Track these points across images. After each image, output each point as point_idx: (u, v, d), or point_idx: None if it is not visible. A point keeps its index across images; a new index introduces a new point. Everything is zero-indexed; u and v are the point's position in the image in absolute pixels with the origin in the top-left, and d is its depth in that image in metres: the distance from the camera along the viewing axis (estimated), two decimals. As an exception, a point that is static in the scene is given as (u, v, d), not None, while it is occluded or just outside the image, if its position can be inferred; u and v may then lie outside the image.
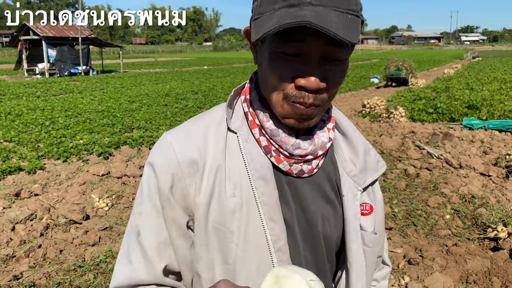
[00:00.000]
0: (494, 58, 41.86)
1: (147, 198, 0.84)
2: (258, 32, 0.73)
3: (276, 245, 0.82)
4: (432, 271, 3.43)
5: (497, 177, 5.76)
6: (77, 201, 5.11)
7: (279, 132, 0.83)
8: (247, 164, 0.82)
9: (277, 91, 0.78)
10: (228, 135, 0.85)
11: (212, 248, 0.83)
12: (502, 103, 10.59)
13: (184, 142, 0.84)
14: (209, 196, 0.81)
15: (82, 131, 8.77)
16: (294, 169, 0.84)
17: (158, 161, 0.84)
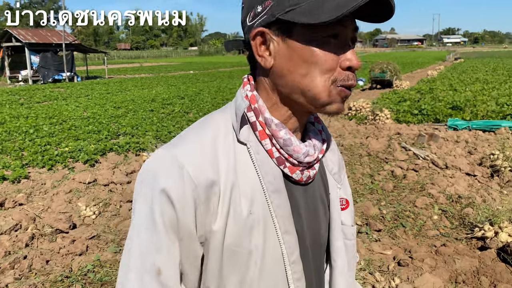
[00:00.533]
0: (476, 59, 42.61)
1: (164, 232, 0.74)
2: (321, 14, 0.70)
3: (291, 257, 0.82)
4: (422, 272, 3.45)
5: (482, 177, 5.84)
6: (63, 210, 5.02)
7: (291, 141, 0.80)
8: (261, 178, 0.79)
9: (323, 78, 0.76)
10: (237, 148, 0.80)
11: (226, 271, 0.79)
12: (485, 104, 10.77)
13: (198, 161, 0.76)
14: (225, 219, 0.76)
15: (67, 138, 8.65)
16: (304, 176, 0.84)
17: (173, 188, 0.73)
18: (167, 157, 0.76)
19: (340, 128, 9.50)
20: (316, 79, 0.76)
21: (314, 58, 0.75)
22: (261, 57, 0.79)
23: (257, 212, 0.78)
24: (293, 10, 0.73)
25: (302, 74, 0.76)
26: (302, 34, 0.75)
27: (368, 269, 3.48)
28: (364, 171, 6.25)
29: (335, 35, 0.75)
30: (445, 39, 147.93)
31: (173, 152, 0.76)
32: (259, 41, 0.79)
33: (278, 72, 0.79)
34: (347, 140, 8.11)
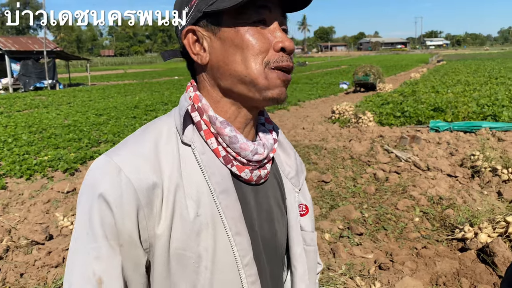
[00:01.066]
0: (458, 61, 43.28)
1: (103, 238, 0.71)
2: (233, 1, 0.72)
3: (244, 260, 0.78)
4: (403, 275, 3.43)
5: (463, 178, 5.88)
6: (40, 220, 4.90)
7: (237, 138, 0.78)
8: (208, 178, 0.76)
9: (255, 60, 0.76)
10: (181, 149, 0.77)
11: (175, 277, 0.75)
12: (466, 105, 10.90)
13: (137, 164, 0.73)
14: (169, 221, 0.73)
15: (47, 147, 8.49)
16: (254, 176, 0.81)
17: (110, 192, 0.70)
18: (105, 163, 0.73)
19: (324, 132, 9.51)
20: (250, 64, 0.76)
21: (245, 42, 0.76)
22: (196, 55, 0.80)
23: (205, 214, 0.74)
24: (215, 3, 0.75)
25: (237, 62, 0.76)
26: (230, 23, 0.76)
27: (349, 274, 3.45)
28: (346, 174, 6.24)
29: (262, 20, 0.77)
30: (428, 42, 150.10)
31: (112, 157, 0.73)
32: (192, 39, 0.79)
33: (215, 66, 0.79)
34: (330, 144, 8.11)
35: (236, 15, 0.76)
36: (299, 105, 14.87)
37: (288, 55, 0.79)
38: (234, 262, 0.77)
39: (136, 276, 0.75)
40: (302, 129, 10.06)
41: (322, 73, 32.26)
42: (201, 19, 0.78)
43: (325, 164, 6.79)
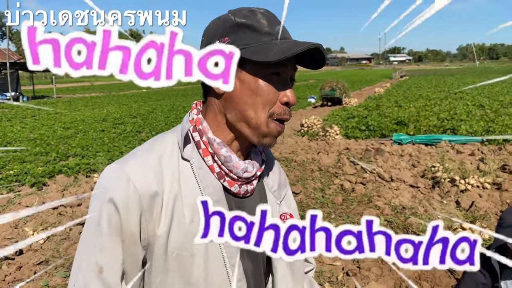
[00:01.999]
0: (420, 76, 45.00)
1: (108, 235, 0.84)
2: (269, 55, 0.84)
3: (232, 260, 0.92)
4: (369, 280, 3.62)
5: (424, 188, 6.20)
6: (9, 235, 4.83)
7: (231, 158, 0.93)
8: (202, 190, 0.90)
9: (264, 109, 0.90)
10: (181, 164, 0.91)
11: (172, 273, 0.89)
12: (427, 119, 11.42)
13: (143, 174, 0.86)
14: (168, 225, 0.87)
15: (13, 161, 8.30)
16: (242, 190, 0.96)
17: (119, 197, 0.84)
18: (117, 171, 0.87)
19: (293, 145, 9.75)
20: (259, 110, 0.90)
21: (260, 90, 0.89)
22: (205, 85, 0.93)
23: (199, 221, 0.87)
24: (245, 49, 0.86)
25: (249, 104, 0.89)
26: (252, 70, 0.89)
27: (318, 280, 3.60)
28: (315, 186, 6.45)
29: (277, 73, 0.90)
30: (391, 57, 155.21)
31: (123, 167, 0.87)
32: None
33: (229, 99, 0.92)
34: (300, 156, 8.34)
35: (258, 65, 0.88)
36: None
37: (289, 108, 0.93)
38: (223, 262, 0.92)
39: (133, 269, 0.88)
40: (272, 142, 10.27)
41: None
42: None
43: (295, 176, 6.98)
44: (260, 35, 0.88)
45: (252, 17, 0.90)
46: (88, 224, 0.87)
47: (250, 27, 0.89)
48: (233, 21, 0.90)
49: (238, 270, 0.94)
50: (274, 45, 0.87)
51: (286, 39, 0.90)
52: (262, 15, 0.91)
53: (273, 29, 0.90)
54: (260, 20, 0.90)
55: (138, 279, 0.90)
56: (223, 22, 0.92)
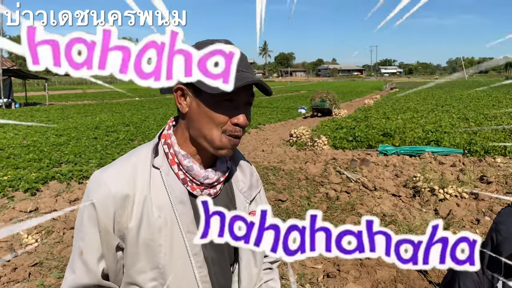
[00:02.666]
0: (409, 89, 45.64)
1: (87, 226, 1.09)
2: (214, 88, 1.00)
3: (194, 250, 1.14)
4: (347, 282, 3.86)
5: (405, 197, 6.47)
6: (4, 238, 4.99)
7: (193, 168, 1.13)
8: (169, 192, 1.11)
9: (217, 128, 1.08)
10: (152, 171, 1.12)
11: (141, 258, 1.11)
12: (412, 131, 11.76)
13: (117, 180, 1.08)
14: (139, 220, 1.08)
15: (6, 167, 8.44)
16: (204, 193, 1.16)
17: (97, 197, 1.06)
18: (97, 177, 1.11)
19: (282, 154, 10.00)
20: (212, 129, 1.09)
21: (212, 115, 1.08)
22: (179, 104, 1.12)
23: (165, 217, 1.11)
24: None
25: (204, 123, 1.09)
26: (207, 98, 1.07)
27: (300, 282, 3.83)
28: (301, 194, 6.69)
29: (230, 99, 1.08)
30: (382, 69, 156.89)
31: (102, 174, 1.11)
32: (179, 93, 1.12)
33: (190, 118, 1.12)
34: (288, 165, 8.59)
35: (211, 95, 1.05)
36: (259, 128, 15.38)
37: (242, 128, 1.11)
38: (186, 252, 1.14)
39: (108, 252, 1.12)
40: (262, 151, 10.52)
41: (282, 98, 33.19)
42: (189, 84, 1.08)
43: (282, 185, 7.23)
44: None
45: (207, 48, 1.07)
46: (76, 219, 1.15)
47: None
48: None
49: (199, 258, 1.14)
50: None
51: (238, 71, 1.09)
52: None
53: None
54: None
55: (114, 261, 1.13)
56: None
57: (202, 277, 1.16)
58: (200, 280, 1.16)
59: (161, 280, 1.12)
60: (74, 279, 1.12)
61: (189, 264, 1.13)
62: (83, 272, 1.11)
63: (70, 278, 1.13)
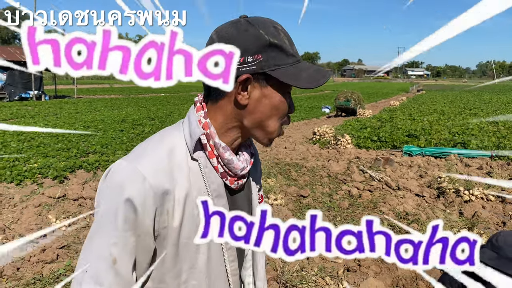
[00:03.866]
0: (436, 91, 44.85)
1: (123, 230, 0.93)
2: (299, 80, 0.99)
3: (228, 245, 1.11)
4: (367, 277, 3.85)
5: (429, 197, 6.38)
6: (33, 222, 5.17)
7: (233, 161, 1.06)
8: (208, 186, 1.04)
9: (277, 118, 1.05)
10: (190, 163, 1.03)
11: (181, 259, 1.03)
12: (438, 132, 11.56)
13: (156, 173, 0.95)
14: (180, 218, 0.99)
15: (36, 155, 8.73)
16: (238, 185, 1.12)
17: (137, 197, 0.92)
18: (132, 170, 0.94)
19: (304, 151, 9.99)
20: (274, 120, 1.05)
21: (280, 105, 1.03)
22: (240, 95, 1.00)
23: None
24: (277, 70, 0.98)
25: (268, 115, 1.03)
26: (276, 87, 1.01)
27: (320, 274, 3.85)
28: (323, 191, 6.69)
29: (289, 91, 1.06)
30: (409, 71, 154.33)
31: (137, 167, 0.94)
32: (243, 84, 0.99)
33: (249, 109, 1.02)
34: (310, 163, 8.58)
35: (282, 83, 1.00)
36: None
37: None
38: (220, 248, 1.11)
39: (145, 258, 1.00)
40: (284, 148, 10.53)
41: (306, 97, 33.08)
42: (257, 74, 0.98)
43: (304, 181, 7.23)
44: (286, 56, 0.99)
45: (278, 36, 0.99)
46: (103, 215, 0.95)
47: (279, 47, 0.98)
48: (267, 40, 0.97)
49: (232, 252, 1.12)
50: (299, 69, 1.00)
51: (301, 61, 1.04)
52: (283, 33, 1.01)
53: (293, 49, 1.02)
54: (284, 40, 1.00)
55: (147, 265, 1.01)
56: (255, 37, 0.97)
57: (233, 271, 1.15)
58: (231, 273, 1.14)
59: (194, 281, 1.07)
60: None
61: (222, 259, 1.12)
62: (114, 284, 0.94)
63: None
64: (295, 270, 3.95)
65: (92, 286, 0.93)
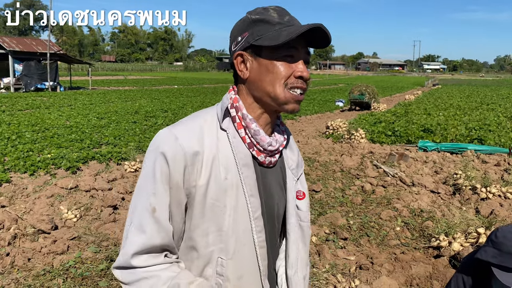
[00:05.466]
0: (453, 86, 44.09)
1: (160, 181, 1.06)
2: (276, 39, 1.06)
3: (255, 214, 1.14)
4: (380, 275, 3.76)
5: (445, 194, 6.24)
6: (45, 212, 5.19)
7: (260, 132, 1.13)
8: (235, 154, 1.11)
9: (280, 83, 1.10)
10: (219, 133, 1.12)
11: (207, 219, 1.10)
12: (455, 128, 11.33)
13: (188, 136, 1.07)
14: (207, 179, 1.08)
15: (50, 145, 8.79)
16: (267, 160, 1.18)
17: (169, 152, 1.05)
18: (167, 133, 1.09)
19: (317, 146, 9.89)
20: (275, 85, 1.10)
21: (275, 70, 1.10)
22: (240, 71, 1.14)
23: (231, 179, 1.11)
24: (260, 38, 1.09)
25: (267, 82, 1.11)
26: (267, 55, 1.10)
27: (331, 271, 3.77)
28: (336, 186, 6.59)
29: (290, 55, 1.10)
30: (425, 65, 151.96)
31: (172, 130, 1.10)
32: (239, 60, 1.14)
33: (252, 81, 1.14)
34: (323, 157, 8.48)
35: (272, 50, 1.09)
36: (296, 120, 15.27)
37: (304, 81, 1.13)
38: (247, 214, 1.13)
39: (177, 211, 1.09)
40: (297, 142, 10.44)
41: (320, 90, 32.80)
42: (248, 48, 1.12)
43: (317, 176, 7.14)
44: (272, 25, 1.09)
45: (264, 13, 1.12)
46: (144, 172, 1.10)
47: (264, 20, 1.10)
48: (250, 19, 1.12)
49: (259, 222, 1.14)
50: (283, 31, 1.07)
51: (294, 25, 1.10)
52: (273, 10, 1.12)
53: (282, 19, 1.10)
54: (271, 14, 1.11)
55: (182, 221, 1.11)
56: (243, 21, 1.14)
57: (260, 242, 1.16)
58: (258, 245, 1.15)
59: (221, 244, 1.11)
60: (145, 239, 1.05)
61: (250, 228, 1.13)
62: (155, 231, 1.05)
63: (139, 239, 1.05)
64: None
65: (137, 235, 1.06)
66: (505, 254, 1.76)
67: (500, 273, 1.76)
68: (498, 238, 1.81)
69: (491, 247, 1.82)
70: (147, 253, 1.06)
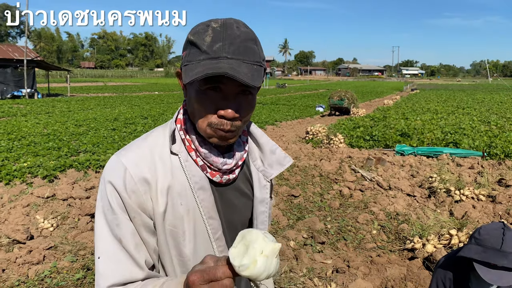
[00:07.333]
0: (430, 90, 45.01)
1: (119, 212, 1.01)
2: (188, 76, 0.95)
3: (215, 236, 1.11)
4: (356, 278, 3.83)
5: (420, 197, 6.38)
6: (21, 222, 5.11)
7: (211, 155, 1.07)
8: (189, 179, 1.06)
9: (203, 119, 1.01)
10: (172, 157, 1.06)
11: (170, 245, 1.07)
12: (431, 132, 11.58)
13: (137, 165, 1.02)
14: (164, 207, 1.03)
15: (26, 154, 8.64)
16: (224, 179, 1.11)
17: (118, 182, 1.00)
18: (116, 162, 1.04)
19: (297, 151, 9.97)
20: (200, 119, 1.03)
21: (196, 104, 1.02)
22: (183, 89, 1.10)
23: (187, 204, 1.07)
24: (186, 66, 0.99)
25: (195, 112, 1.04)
26: (192, 85, 1.02)
27: (308, 275, 3.82)
28: (315, 190, 6.67)
29: (215, 87, 0.98)
30: (404, 70, 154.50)
31: (121, 159, 1.04)
32: (180, 78, 1.08)
33: (188, 105, 1.08)
34: (302, 162, 8.56)
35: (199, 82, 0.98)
36: (276, 125, 15.36)
37: (230, 120, 1.00)
38: (207, 237, 1.12)
39: (149, 237, 1.05)
40: (277, 147, 10.50)
41: (300, 96, 33.06)
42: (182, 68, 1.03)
43: (296, 181, 7.21)
44: (199, 53, 0.97)
45: (201, 33, 0.98)
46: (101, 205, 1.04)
47: (195, 44, 0.98)
48: (187, 38, 1.01)
49: (221, 243, 1.12)
50: (199, 65, 0.95)
51: (217, 59, 0.95)
52: (213, 30, 0.97)
53: (211, 47, 0.95)
54: (206, 37, 0.97)
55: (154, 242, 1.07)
56: (187, 37, 1.03)
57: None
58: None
59: (184, 268, 1.09)
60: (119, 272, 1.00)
61: (211, 249, 1.12)
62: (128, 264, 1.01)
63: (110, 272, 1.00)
64: (283, 271, 3.93)
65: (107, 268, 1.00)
66: (489, 250, 1.82)
67: (483, 269, 1.82)
68: (482, 235, 1.87)
69: (474, 244, 1.89)
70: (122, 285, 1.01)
